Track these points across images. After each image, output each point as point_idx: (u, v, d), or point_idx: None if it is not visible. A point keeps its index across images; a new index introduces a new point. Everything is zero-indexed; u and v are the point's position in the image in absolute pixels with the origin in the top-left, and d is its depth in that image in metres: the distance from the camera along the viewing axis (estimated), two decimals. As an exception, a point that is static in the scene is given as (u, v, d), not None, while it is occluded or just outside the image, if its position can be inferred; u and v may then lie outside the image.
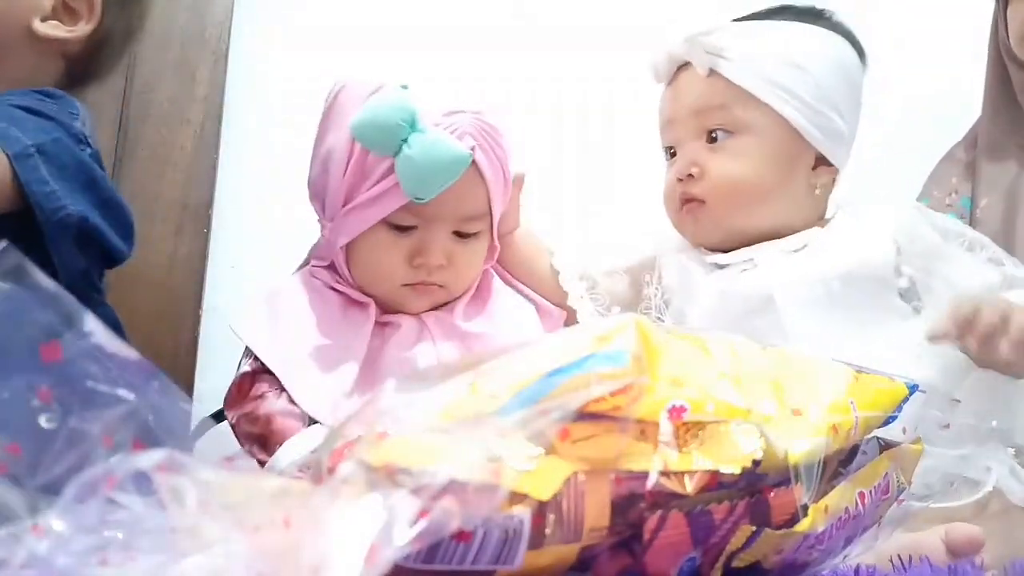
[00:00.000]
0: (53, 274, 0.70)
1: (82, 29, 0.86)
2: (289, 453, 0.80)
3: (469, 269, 0.93)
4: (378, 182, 0.84)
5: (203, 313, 1.38)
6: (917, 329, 0.82)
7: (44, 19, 0.84)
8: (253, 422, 0.85)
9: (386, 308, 0.92)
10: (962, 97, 1.24)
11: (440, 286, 0.91)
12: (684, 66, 0.95)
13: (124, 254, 0.84)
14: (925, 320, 0.83)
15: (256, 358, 0.89)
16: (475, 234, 0.91)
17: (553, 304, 0.99)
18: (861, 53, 0.96)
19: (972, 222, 1.08)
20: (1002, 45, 1.12)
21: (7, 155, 0.73)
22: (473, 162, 0.84)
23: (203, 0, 1.47)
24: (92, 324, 0.53)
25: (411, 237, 0.88)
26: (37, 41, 0.84)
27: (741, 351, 0.48)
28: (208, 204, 1.42)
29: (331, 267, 0.94)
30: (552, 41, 1.53)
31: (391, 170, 0.82)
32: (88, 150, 0.82)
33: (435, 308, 0.93)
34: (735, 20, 0.96)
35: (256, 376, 0.88)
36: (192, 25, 1.45)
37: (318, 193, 0.92)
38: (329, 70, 1.44)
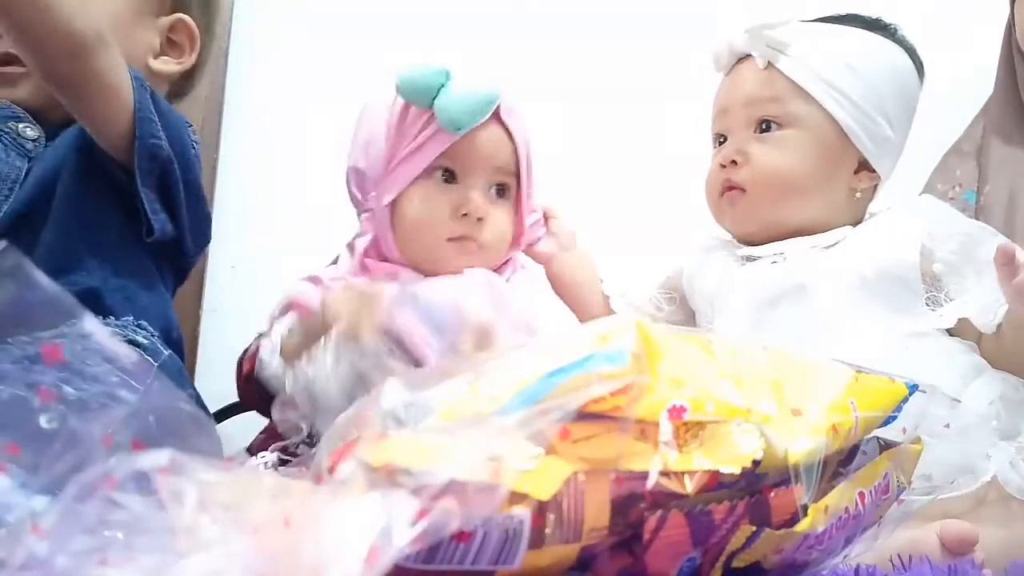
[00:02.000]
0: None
1: (189, 60, 0.95)
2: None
3: (501, 234, 0.99)
4: (418, 135, 0.93)
5: (203, 313, 1.38)
6: (939, 323, 0.84)
7: (156, 56, 0.92)
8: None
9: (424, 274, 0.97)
10: (968, 92, 1.24)
11: (479, 246, 0.96)
12: (743, 59, 0.98)
13: (190, 248, 0.91)
14: (957, 307, 0.85)
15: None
16: (506, 196, 0.99)
17: None
18: (920, 69, 0.99)
19: (976, 214, 1.09)
20: (1014, 41, 1.13)
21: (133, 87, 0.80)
22: (501, 123, 0.95)
23: (203, 0, 1.47)
24: (92, 325, 0.53)
25: (454, 191, 0.95)
26: (152, 76, 0.91)
27: (741, 351, 0.48)
28: (208, 204, 1.41)
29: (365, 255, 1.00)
30: (563, 30, 1.53)
31: (429, 121, 0.93)
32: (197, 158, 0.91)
33: None
34: (802, 21, 0.99)
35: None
36: (192, 25, 1.45)
37: (359, 176, 0.99)
38: (329, 70, 1.44)
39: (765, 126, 0.95)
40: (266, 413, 0.94)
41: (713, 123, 1.02)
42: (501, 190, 0.98)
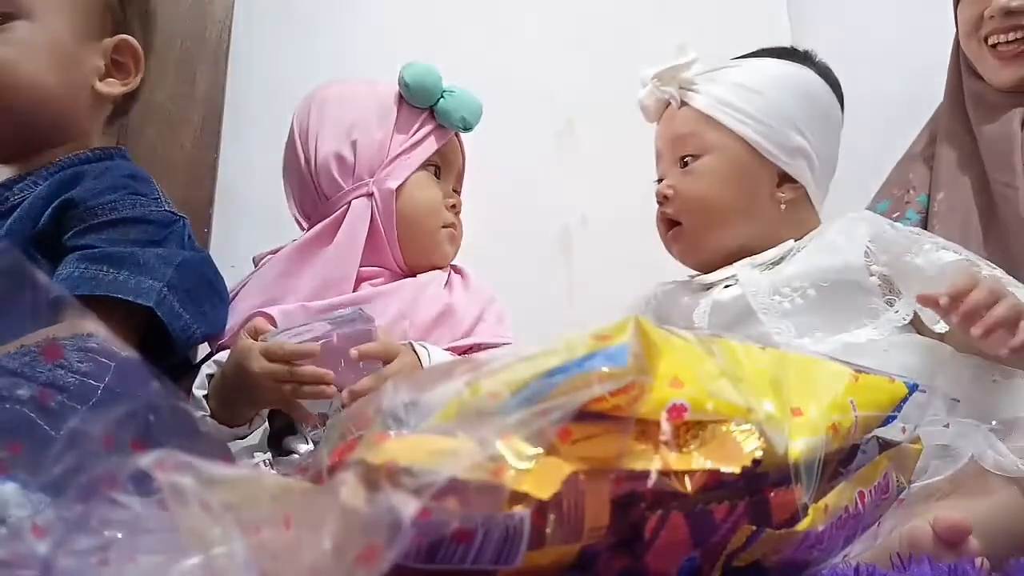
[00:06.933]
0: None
1: (134, 81, 0.94)
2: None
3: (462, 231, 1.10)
4: (416, 131, 1.03)
5: (203, 313, 1.38)
6: (894, 320, 0.87)
7: (102, 78, 0.92)
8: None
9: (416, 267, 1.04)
10: (915, 99, 1.25)
11: (459, 236, 1.07)
12: (669, 104, 1.05)
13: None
14: (904, 303, 0.88)
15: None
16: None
17: None
18: (833, 85, 1.04)
19: (929, 217, 1.10)
20: (961, 49, 1.14)
21: (148, 307, 0.79)
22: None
23: (203, 0, 1.47)
24: (93, 326, 0.53)
25: (442, 186, 1.06)
26: (99, 99, 0.92)
27: (741, 351, 0.48)
28: (208, 204, 1.41)
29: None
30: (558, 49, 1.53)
31: (427, 120, 1.04)
32: (186, 230, 0.91)
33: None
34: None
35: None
36: (192, 25, 1.45)
37: (341, 163, 1.03)
38: (329, 69, 1.44)
39: (687, 160, 1.02)
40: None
41: (656, 168, 1.09)
42: (456, 193, 1.10)
